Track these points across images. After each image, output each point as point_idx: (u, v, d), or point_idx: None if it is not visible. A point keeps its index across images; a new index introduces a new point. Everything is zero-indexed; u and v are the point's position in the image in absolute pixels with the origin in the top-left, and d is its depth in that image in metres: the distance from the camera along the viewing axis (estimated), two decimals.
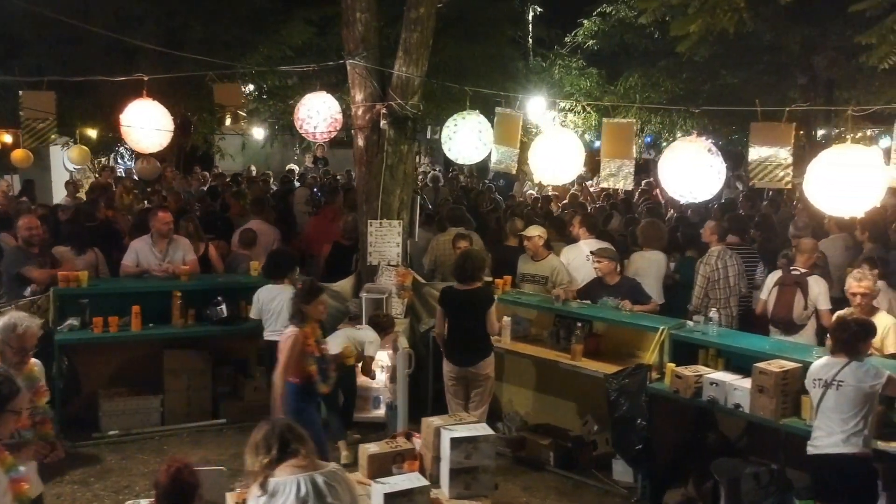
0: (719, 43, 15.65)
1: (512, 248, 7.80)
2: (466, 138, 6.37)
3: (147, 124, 6.35)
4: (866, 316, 5.42)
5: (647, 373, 5.59)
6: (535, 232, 7.01)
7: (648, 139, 18.98)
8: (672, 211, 12.70)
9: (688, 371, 5.37)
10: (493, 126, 6.34)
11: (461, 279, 5.92)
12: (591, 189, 16.38)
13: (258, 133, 17.53)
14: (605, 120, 5.75)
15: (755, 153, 5.11)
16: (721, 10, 8.51)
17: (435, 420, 4.32)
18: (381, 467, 4.17)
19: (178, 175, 15.18)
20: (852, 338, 4.35)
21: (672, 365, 5.54)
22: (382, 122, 6.99)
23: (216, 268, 7.67)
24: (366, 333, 6.45)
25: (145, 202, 12.90)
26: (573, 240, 7.74)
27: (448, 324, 5.96)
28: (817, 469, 4.45)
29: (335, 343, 6.36)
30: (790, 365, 4.98)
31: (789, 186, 5.42)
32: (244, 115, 6.62)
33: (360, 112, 7.23)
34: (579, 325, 6.22)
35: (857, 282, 5.38)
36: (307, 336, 5.17)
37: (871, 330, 4.49)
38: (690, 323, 5.90)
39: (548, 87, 18.78)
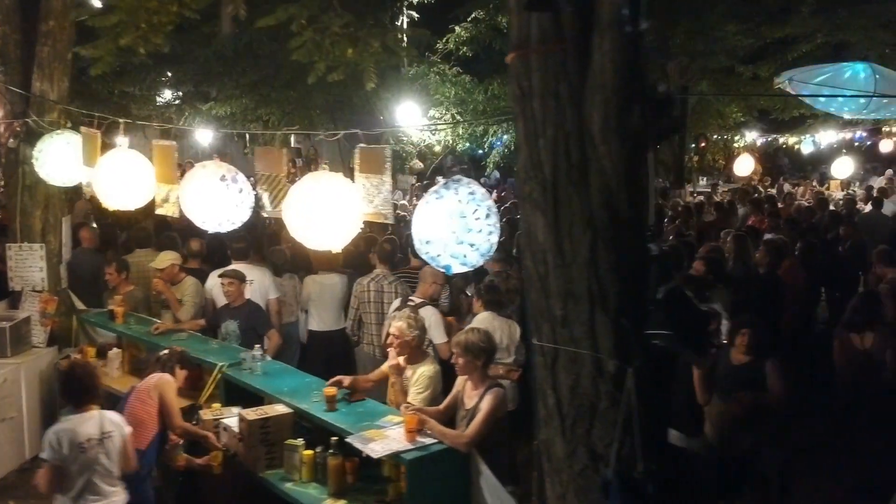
0: None
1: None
2: (57, 159, 5.96)
3: None
4: (412, 362, 4.93)
5: (197, 414, 5.19)
6: (166, 264, 6.58)
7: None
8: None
9: (208, 414, 4.97)
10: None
11: None
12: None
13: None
14: (154, 141, 5.32)
15: (262, 180, 4.69)
16: None
17: None
18: None
19: None
20: None
21: (216, 406, 5.14)
22: (11, 140, 6.62)
23: None
24: None
25: None
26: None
27: None
28: None
29: None
30: (279, 411, 4.58)
31: None
32: None
33: (1, 129, 6.86)
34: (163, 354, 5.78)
35: (392, 322, 4.93)
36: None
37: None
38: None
39: (420, 94, 18.37)
